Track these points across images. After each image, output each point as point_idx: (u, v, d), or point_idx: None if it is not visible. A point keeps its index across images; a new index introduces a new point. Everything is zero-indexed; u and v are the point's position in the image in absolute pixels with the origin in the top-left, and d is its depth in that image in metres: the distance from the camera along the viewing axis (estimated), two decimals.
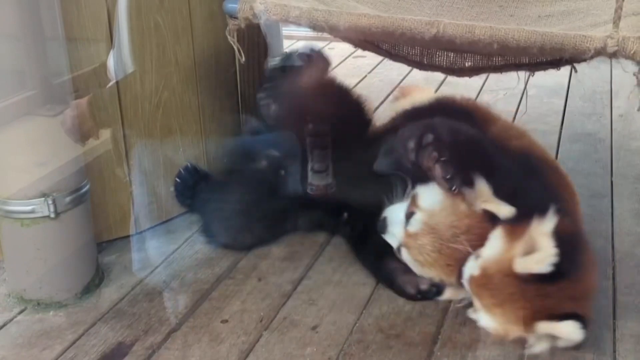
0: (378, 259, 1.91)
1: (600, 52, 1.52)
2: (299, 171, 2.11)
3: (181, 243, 2.13)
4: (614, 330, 1.70)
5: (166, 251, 2.08)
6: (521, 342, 1.63)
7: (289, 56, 2.18)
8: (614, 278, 1.90)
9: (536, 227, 1.58)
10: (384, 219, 1.85)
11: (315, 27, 1.68)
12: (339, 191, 2.07)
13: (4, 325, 1.76)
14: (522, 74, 2.21)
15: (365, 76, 3.73)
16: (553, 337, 1.60)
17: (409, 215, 1.78)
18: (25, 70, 1.76)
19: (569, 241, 1.59)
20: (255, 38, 2.46)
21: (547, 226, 1.57)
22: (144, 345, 1.68)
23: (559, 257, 1.54)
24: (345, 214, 2.09)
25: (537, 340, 1.62)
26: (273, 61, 2.87)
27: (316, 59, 2.11)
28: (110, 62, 1.94)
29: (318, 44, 4.50)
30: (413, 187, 1.84)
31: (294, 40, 4.33)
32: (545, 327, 1.59)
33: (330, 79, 2.20)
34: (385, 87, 3.44)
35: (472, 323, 1.73)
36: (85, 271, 1.90)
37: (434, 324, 1.74)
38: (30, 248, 1.80)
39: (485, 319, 1.68)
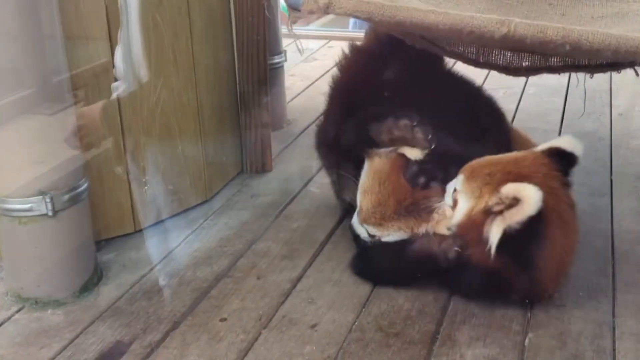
0: None
1: None
2: None
3: (180, 241, 2.13)
4: (614, 329, 1.70)
5: (165, 249, 2.08)
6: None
7: None
8: (613, 276, 1.90)
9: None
10: None
11: (380, 22, 1.67)
12: None
13: (2, 323, 1.76)
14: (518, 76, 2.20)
15: None
16: None
17: None
18: (23, 69, 1.75)
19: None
20: (255, 36, 2.45)
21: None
22: (142, 343, 1.67)
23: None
24: None
25: None
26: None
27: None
28: (117, 60, 1.92)
29: (318, 43, 4.50)
30: None
31: (291, 39, 4.33)
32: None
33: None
34: None
35: (472, 322, 1.73)
36: (84, 269, 1.89)
37: (433, 322, 1.73)
38: (28, 246, 1.80)
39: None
